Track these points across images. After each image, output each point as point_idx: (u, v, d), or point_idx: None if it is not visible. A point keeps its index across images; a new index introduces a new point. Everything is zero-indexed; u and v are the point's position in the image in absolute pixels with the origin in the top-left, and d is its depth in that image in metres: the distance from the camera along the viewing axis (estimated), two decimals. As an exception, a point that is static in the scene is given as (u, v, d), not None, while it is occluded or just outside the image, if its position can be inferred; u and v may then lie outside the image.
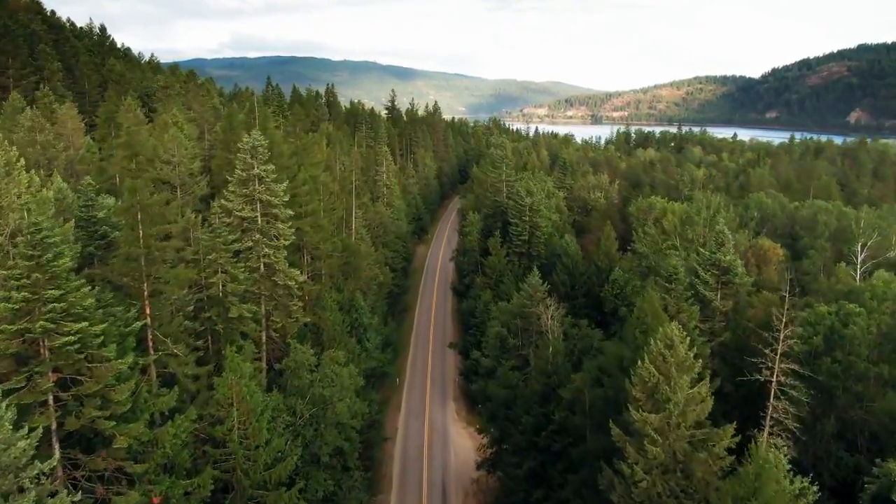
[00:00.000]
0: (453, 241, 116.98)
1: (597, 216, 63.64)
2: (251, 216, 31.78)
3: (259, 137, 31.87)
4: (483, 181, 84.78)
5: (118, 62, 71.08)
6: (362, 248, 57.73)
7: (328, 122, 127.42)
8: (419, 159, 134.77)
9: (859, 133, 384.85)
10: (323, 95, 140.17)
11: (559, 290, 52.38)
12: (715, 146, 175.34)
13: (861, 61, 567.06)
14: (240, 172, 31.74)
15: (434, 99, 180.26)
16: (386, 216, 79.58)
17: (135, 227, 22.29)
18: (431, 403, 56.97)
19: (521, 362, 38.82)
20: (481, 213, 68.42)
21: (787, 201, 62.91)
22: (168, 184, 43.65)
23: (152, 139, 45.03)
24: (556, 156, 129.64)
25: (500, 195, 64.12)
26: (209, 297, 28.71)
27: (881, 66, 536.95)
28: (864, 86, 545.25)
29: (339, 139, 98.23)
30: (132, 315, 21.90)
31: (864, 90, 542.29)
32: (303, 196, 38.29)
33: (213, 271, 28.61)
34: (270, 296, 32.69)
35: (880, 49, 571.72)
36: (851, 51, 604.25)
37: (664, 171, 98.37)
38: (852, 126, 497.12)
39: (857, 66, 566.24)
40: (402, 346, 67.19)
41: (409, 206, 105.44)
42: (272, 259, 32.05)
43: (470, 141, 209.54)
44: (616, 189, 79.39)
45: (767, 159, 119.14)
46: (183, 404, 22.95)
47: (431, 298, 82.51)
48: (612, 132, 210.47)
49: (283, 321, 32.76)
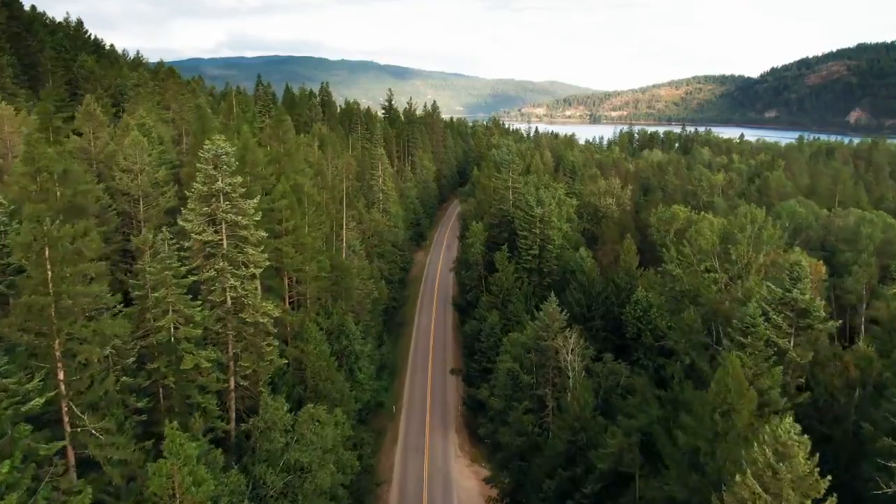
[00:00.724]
0: (453, 247, 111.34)
1: (611, 226, 58.07)
2: (214, 240, 26.10)
3: (223, 144, 26.19)
4: (486, 186, 79.22)
5: (90, 58, 65.19)
6: (355, 263, 52.14)
7: (322, 122, 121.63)
8: (417, 161, 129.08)
9: (859, 133, 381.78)
10: (317, 95, 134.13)
11: (573, 310, 46.82)
12: (722, 147, 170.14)
13: (860, 60, 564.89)
14: (200, 187, 26.05)
15: (432, 98, 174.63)
16: (382, 224, 73.95)
17: (41, 268, 16.59)
18: (431, 435, 51.24)
19: (537, 404, 33.35)
20: (485, 222, 62.71)
21: (818, 209, 57.52)
22: (128, 195, 37.97)
23: (112, 144, 39.30)
24: (561, 158, 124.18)
25: (505, 203, 58.47)
26: (157, 343, 23.02)
27: (880, 66, 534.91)
28: (863, 85, 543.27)
29: (333, 141, 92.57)
30: (34, 386, 16.19)
31: (863, 89, 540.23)
32: (282, 211, 32.63)
33: (161, 311, 22.91)
34: (238, 336, 27.01)
35: (880, 48, 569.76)
36: (850, 50, 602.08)
37: (676, 175, 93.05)
38: (852, 126, 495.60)
39: (856, 66, 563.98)
40: (399, 368, 61.48)
41: (406, 210, 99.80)
42: (240, 291, 26.37)
43: (469, 141, 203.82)
44: (628, 195, 73.94)
45: (781, 161, 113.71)
46: (108, 501, 17.27)
47: (431, 312, 76.85)
48: (615, 132, 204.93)
49: (255, 365, 27.10)
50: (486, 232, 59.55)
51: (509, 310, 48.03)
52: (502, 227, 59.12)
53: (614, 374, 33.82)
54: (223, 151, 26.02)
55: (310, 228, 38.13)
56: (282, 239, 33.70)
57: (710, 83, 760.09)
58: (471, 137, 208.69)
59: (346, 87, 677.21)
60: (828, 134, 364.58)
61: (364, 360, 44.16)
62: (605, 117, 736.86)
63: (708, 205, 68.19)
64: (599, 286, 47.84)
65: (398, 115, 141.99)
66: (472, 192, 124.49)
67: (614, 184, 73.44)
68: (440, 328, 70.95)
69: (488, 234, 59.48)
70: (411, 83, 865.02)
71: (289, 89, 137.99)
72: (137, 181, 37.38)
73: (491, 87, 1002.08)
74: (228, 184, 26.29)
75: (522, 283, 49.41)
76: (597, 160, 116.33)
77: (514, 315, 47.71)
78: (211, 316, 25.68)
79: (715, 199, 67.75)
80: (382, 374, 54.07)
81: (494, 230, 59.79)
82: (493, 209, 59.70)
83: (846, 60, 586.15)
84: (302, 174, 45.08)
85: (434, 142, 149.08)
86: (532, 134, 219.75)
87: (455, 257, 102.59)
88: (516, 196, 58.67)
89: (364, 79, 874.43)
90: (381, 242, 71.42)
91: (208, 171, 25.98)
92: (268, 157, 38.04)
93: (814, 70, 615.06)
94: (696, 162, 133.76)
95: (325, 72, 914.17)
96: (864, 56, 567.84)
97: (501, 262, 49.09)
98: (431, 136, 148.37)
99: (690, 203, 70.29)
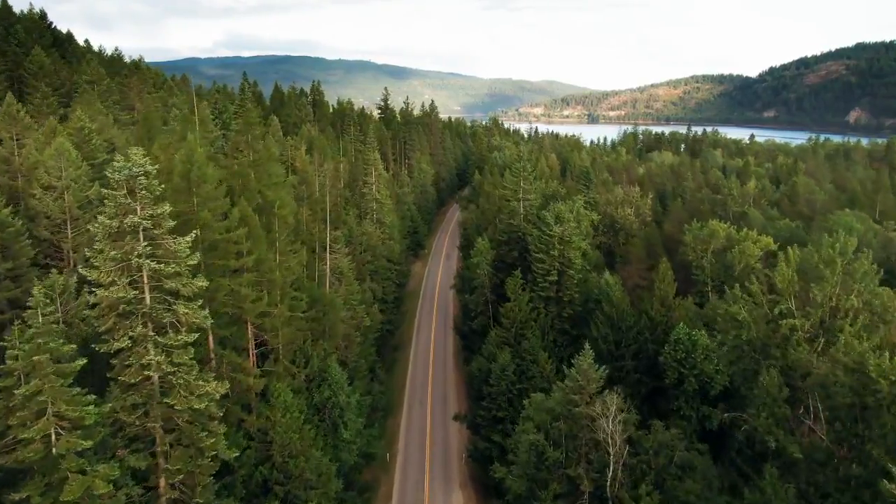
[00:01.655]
0: (453, 257, 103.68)
1: (637, 244, 50.53)
2: (127, 297, 18.42)
3: (141, 160, 18.52)
4: (490, 194, 71.62)
5: (41, 52, 57.32)
6: (341, 290, 44.50)
7: (312, 123, 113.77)
8: (415, 164, 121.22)
9: (859, 132, 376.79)
10: (309, 94, 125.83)
11: (599, 347, 39.29)
12: (732, 148, 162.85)
13: (859, 60, 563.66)
14: (107, 221, 18.38)
15: (430, 98, 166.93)
16: (375, 237, 66.21)
17: None
18: (431, 490, 43.69)
19: (569, 487, 25.95)
20: (490, 237, 54.96)
21: (873, 224, 50.22)
22: (49, 218, 30.26)
23: (35, 153, 31.60)
24: (567, 161, 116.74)
25: (515, 217, 50.80)
26: (27, 461, 15.33)
27: (880, 65, 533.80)
28: (862, 85, 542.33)
29: (323, 144, 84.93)
30: None
31: (863, 89, 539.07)
32: (237, 243, 24.97)
33: (31, 414, 15.27)
34: (167, 428, 19.36)
35: (879, 47, 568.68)
36: (849, 49, 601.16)
37: (694, 180, 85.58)
38: (852, 125, 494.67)
39: (855, 65, 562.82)
40: (394, 405, 53.73)
41: (403, 218, 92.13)
42: (166, 368, 18.73)
43: (469, 142, 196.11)
44: (648, 204, 66.44)
45: (801, 164, 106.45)
46: None
47: (430, 334, 69.17)
48: (620, 132, 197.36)
49: (189, 466, 19.44)
50: (494, 250, 51.94)
51: (523, 347, 40.48)
52: (511, 245, 51.50)
53: (666, 448, 26.50)
54: (140, 171, 18.34)
55: (281, 258, 30.51)
56: (240, 277, 26.06)
57: (708, 83, 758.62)
58: (469, 138, 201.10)
59: (342, 87, 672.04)
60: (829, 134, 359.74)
61: (351, 412, 36.59)
62: (603, 117, 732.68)
63: (740, 216, 60.85)
64: (630, 319, 40.33)
65: (395, 115, 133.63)
66: (473, 198, 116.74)
67: (633, 192, 65.97)
68: (440, 354, 63.27)
69: (496, 253, 51.90)
70: (408, 83, 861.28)
71: (278, 88, 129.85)
72: (63, 201, 29.73)
73: (488, 87, 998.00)
74: (149, 216, 18.62)
75: (538, 314, 41.83)
76: (605, 164, 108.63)
77: (529, 354, 40.17)
78: (124, 402, 18.04)
79: (748, 210, 60.37)
80: (374, 417, 46.45)
81: (502, 248, 52.16)
82: (501, 223, 51.96)
83: (845, 60, 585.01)
84: (278, 187, 37.43)
85: (432, 143, 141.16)
86: (532, 134, 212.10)
87: (456, 268, 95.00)
88: (527, 209, 51.00)
89: (361, 78, 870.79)
90: (374, 258, 63.76)
91: (119, 199, 18.32)
92: (225, 172, 30.43)
93: (813, 70, 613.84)
94: (709, 165, 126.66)
95: (322, 71, 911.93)
96: (863, 55, 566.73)
97: (514, 289, 41.49)
98: (429, 137, 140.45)
99: (718, 214, 62.93)
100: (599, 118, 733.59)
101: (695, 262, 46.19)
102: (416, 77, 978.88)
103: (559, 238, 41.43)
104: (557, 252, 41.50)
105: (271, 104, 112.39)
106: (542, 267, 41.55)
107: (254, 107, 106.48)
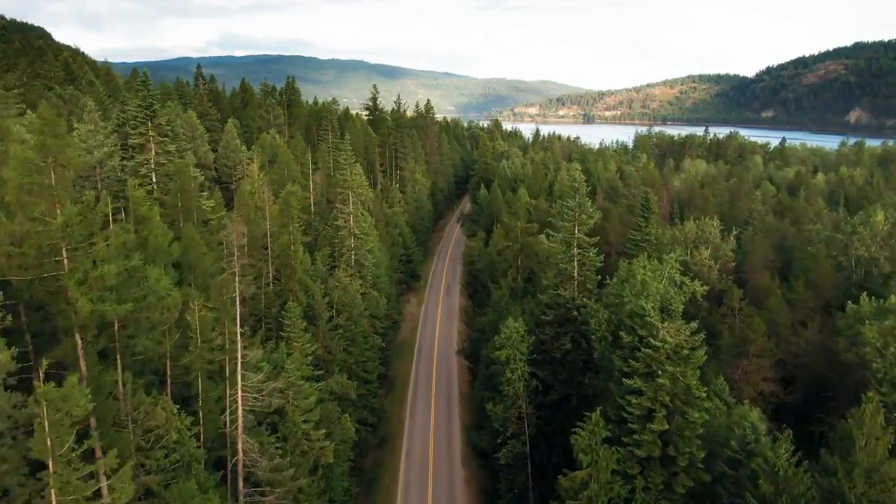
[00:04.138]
0: (454, 290, 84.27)
1: (758, 337, 31.18)
2: None
3: None
4: (511, 228, 51.88)
5: None
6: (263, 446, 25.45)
7: (282, 128, 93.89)
8: (408, 176, 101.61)
9: (860, 133, 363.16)
10: (280, 93, 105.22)
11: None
12: (760, 153, 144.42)
13: (858, 59, 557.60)
14: None
15: (424, 98, 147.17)
16: (353, 290, 46.79)
17: None
18: None
19: None
20: (527, 312, 35.66)
21: None
22: None
23: None
24: (590, 173, 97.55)
25: (567, 283, 31.29)
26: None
27: (879, 65, 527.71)
28: (862, 84, 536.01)
29: (286, 158, 65.42)
30: None
31: (862, 89, 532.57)
32: None
33: None
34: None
35: (877, 47, 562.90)
36: (848, 49, 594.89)
37: (764, 202, 66.39)
38: (852, 125, 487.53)
39: (854, 65, 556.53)
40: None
41: (394, 245, 72.85)
42: None
43: (466, 145, 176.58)
44: (731, 245, 47.36)
45: (878, 175, 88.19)
46: None
47: (427, 428, 49.35)
48: (638, 132, 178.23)
49: None
50: (534, 334, 32.62)
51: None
52: (562, 326, 32.36)
53: None
54: None
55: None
56: None
57: (704, 83, 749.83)
58: (467, 141, 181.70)
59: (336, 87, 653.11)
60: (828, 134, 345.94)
61: None
62: (598, 117, 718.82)
63: (872, 262, 42.15)
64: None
65: (385, 116, 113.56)
66: (477, 218, 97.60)
67: (710, 227, 46.93)
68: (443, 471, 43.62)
69: (535, 340, 32.66)
70: (402, 82, 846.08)
71: (244, 86, 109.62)
72: None
73: (482, 87, 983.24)
74: None
75: (633, 487, 22.82)
76: (639, 176, 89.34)
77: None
78: None
79: (879, 254, 41.83)
80: None
81: (545, 330, 32.95)
82: (548, 296, 31.94)
83: (844, 59, 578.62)
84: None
85: (428, 148, 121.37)
86: (532, 136, 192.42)
87: (458, 306, 75.94)
88: (586, 272, 31.74)
89: (354, 78, 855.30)
90: (349, 322, 44.45)
91: None
92: None
93: (811, 69, 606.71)
94: (748, 174, 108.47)
95: (314, 71, 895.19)
96: (862, 55, 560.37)
97: (585, 445, 22.44)
98: (425, 141, 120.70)
99: (838, 258, 44.17)
100: (595, 118, 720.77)
101: (879, 369, 27.33)
102: (409, 77, 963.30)
103: (671, 351, 22.46)
104: (668, 375, 22.50)
105: (230, 104, 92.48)
106: (638, 406, 22.43)
107: (211, 107, 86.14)
